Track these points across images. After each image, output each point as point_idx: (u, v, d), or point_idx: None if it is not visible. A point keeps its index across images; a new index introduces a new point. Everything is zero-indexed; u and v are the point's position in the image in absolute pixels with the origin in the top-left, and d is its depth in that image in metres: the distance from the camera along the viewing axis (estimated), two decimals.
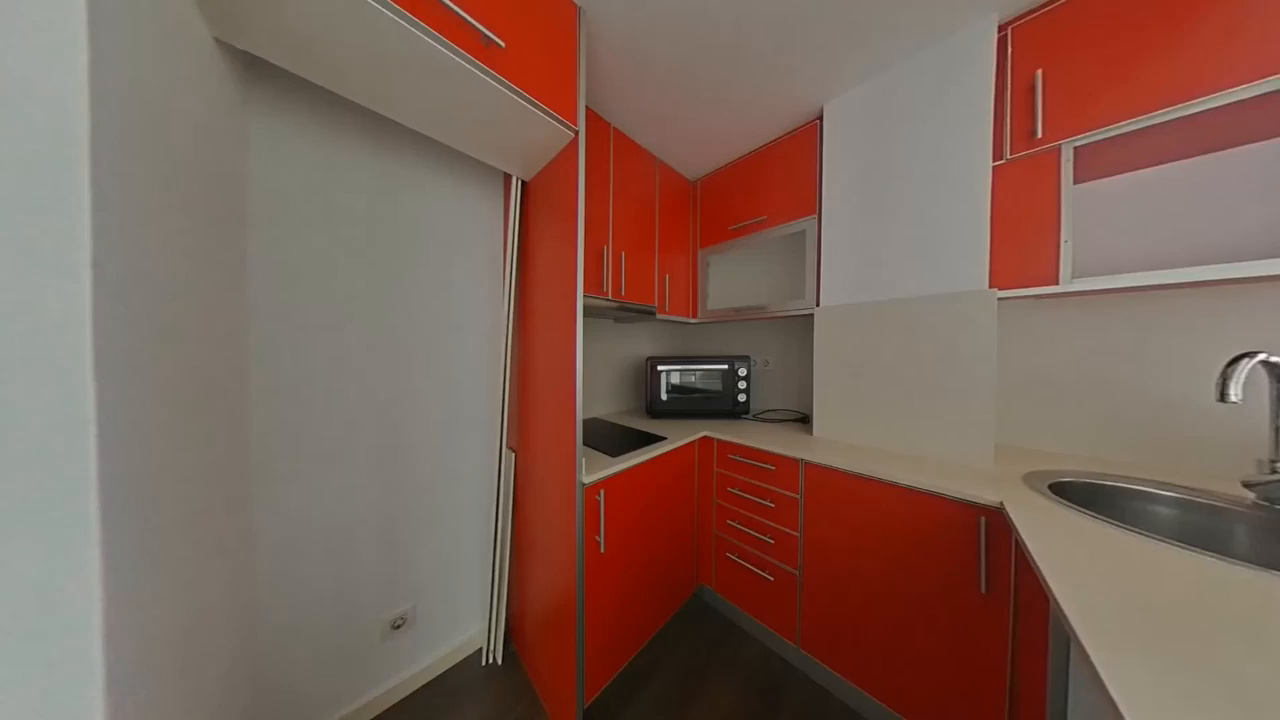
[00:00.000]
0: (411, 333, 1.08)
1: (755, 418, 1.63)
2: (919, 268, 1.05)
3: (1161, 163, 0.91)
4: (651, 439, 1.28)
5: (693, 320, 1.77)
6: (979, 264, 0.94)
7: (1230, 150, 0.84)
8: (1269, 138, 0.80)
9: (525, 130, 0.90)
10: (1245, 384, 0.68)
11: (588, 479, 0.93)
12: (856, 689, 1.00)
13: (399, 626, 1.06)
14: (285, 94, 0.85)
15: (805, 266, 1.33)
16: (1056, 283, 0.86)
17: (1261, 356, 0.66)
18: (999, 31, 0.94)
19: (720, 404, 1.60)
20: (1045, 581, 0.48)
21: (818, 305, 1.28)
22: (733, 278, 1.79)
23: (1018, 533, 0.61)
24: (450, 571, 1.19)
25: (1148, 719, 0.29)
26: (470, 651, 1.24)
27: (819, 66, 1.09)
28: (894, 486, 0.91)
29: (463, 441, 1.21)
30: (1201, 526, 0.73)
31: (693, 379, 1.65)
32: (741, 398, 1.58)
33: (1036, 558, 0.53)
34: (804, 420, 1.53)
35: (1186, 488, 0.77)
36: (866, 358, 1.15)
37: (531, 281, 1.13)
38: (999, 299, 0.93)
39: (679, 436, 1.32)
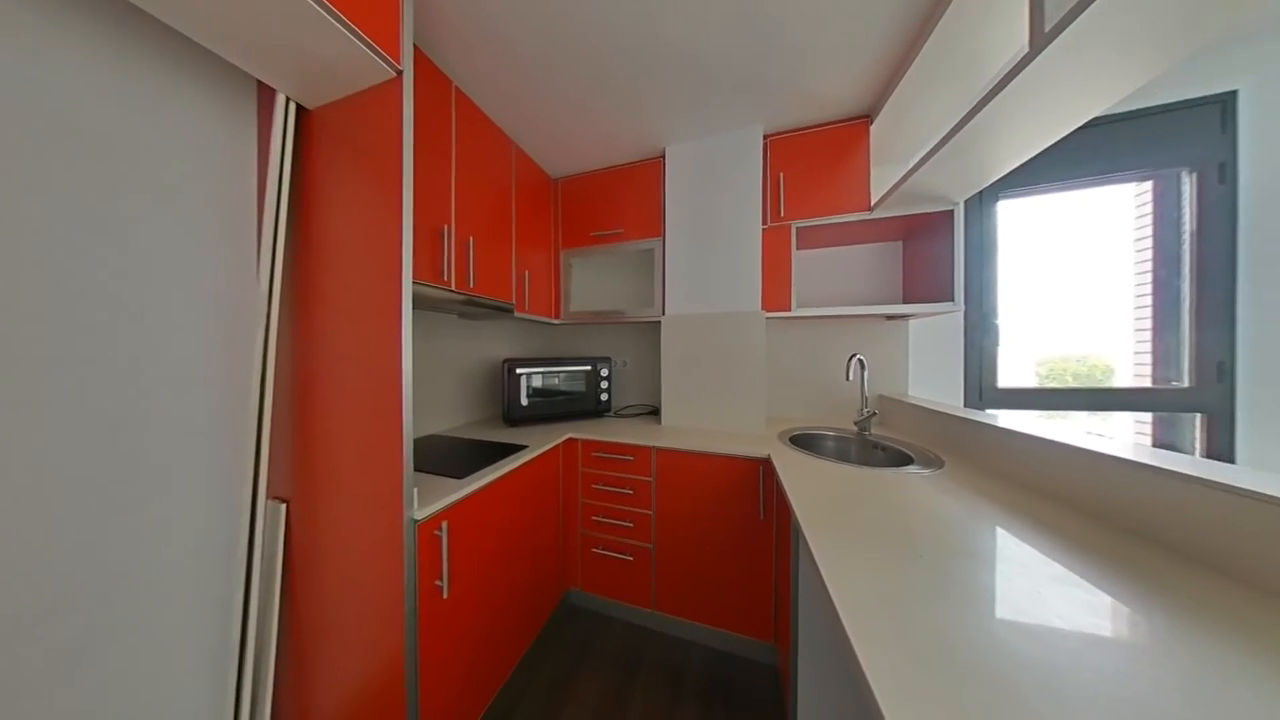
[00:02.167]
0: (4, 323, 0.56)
1: (616, 414, 1.76)
2: (725, 291, 1.42)
3: (830, 246, 1.60)
4: (510, 449, 1.17)
5: (555, 321, 1.73)
6: (755, 293, 1.38)
7: (851, 246, 1.58)
8: (863, 243, 1.55)
9: (302, 37, 0.64)
10: (854, 370, 1.31)
11: (422, 513, 0.75)
12: (694, 623, 1.25)
13: None
14: None
15: (655, 279, 1.55)
16: (790, 309, 1.37)
17: (858, 356, 1.28)
18: (764, 139, 1.40)
19: (584, 404, 1.64)
20: (788, 498, 0.76)
21: (664, 314, 1.52)
22: (595, 281, 1.87)
23: (776, 472, 0.93)
24: None
25: (826, 559, 0.52)
26: None
27: (660, 113, 1.30)
28: (711, 455, 1.19)
29: (159, 505, 0.73)
30: (842, 449, 1.33)
31: (556, 381, 1.62)
32: (604, 397, 1.67)
33: (784, 485, 0.82)
34: (655, 413, 1.77)
35: (837, 428, 1.39)
36: (696, 357, 1.46)
37: (318, 254, 0.81)
38: (766, 318, 1.39)
39: (543, 442, 1.27)
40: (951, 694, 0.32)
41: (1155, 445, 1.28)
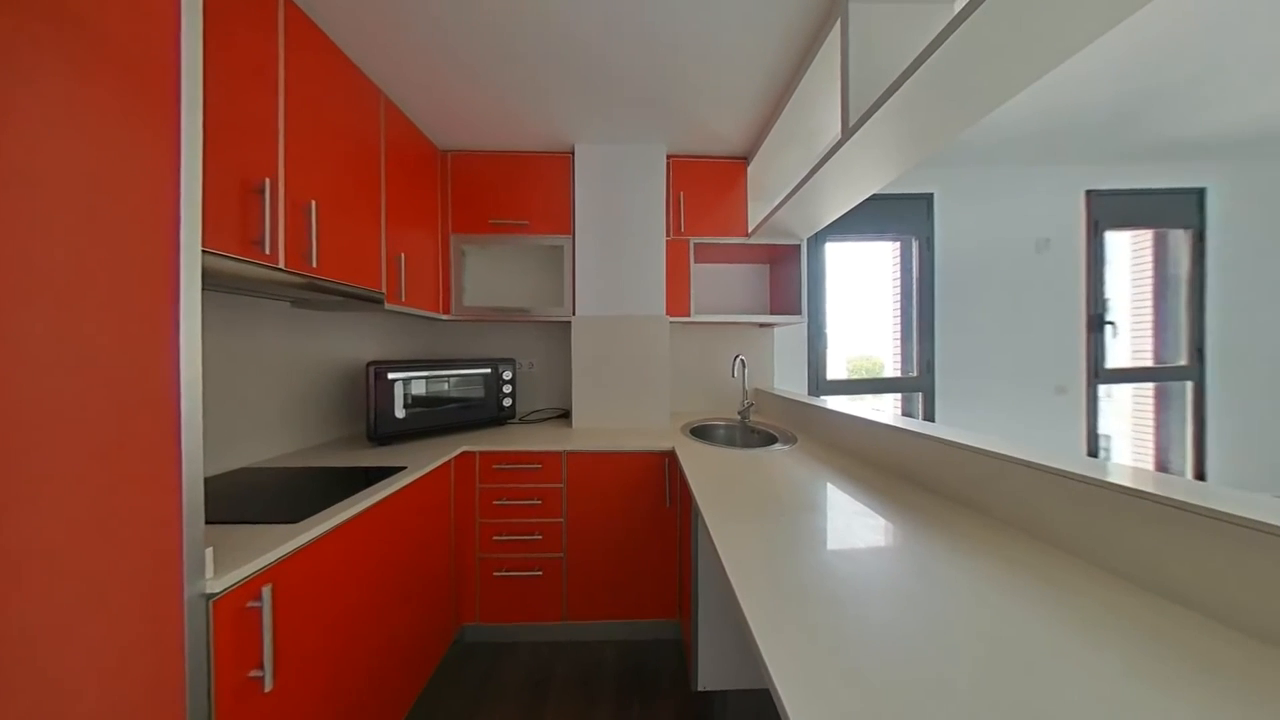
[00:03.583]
0: None
1: (521, 420, 1.63)
2: (633, 295, 1.49)
3: (718, 263, 1.86)
4: (379, 474, 0.94)
5: (444, 317, 1.48)
6: (660, 299, 1.49)
7: (733, 264, 1.87)
8: (743, 263, 1.86)
9: None
10: (737, 368, 1.57)
11: (222, 582, 0.53)
12: (607, 622, 1.26)
13: None
14: None
15: (564, 278, 1.50)
16: (689, 315, 1.54)
17: (740, 356, 1.53)
18: (668, 158, 1.52)
19: (483, 412, 1.45)
20: (690, 484, 0.84)
21: (574, 314, 1.49)
22: (495, 274, 1.69)
23: (680, 462, 1.03)
24: None
25: (718, 529, 0.60)
26: None
27: (568, 106, 1.27)
28: (622, 454, 1.24)
29: None
30: (730, 435, 1.57)
31: (445, 387, 1.38)
32: (507, 402, 1.52)
33: (686, 473, 0.92)
34: (565, 415, 1.71)
35: (726, 418, 1.62)
36: (606, 358, 1.48)
37: None
38: (670, 322, 1.52)
39: (428, 460, 1.06)
40: (802, 614, 0.43)
41: (902, 414, 1.97)
